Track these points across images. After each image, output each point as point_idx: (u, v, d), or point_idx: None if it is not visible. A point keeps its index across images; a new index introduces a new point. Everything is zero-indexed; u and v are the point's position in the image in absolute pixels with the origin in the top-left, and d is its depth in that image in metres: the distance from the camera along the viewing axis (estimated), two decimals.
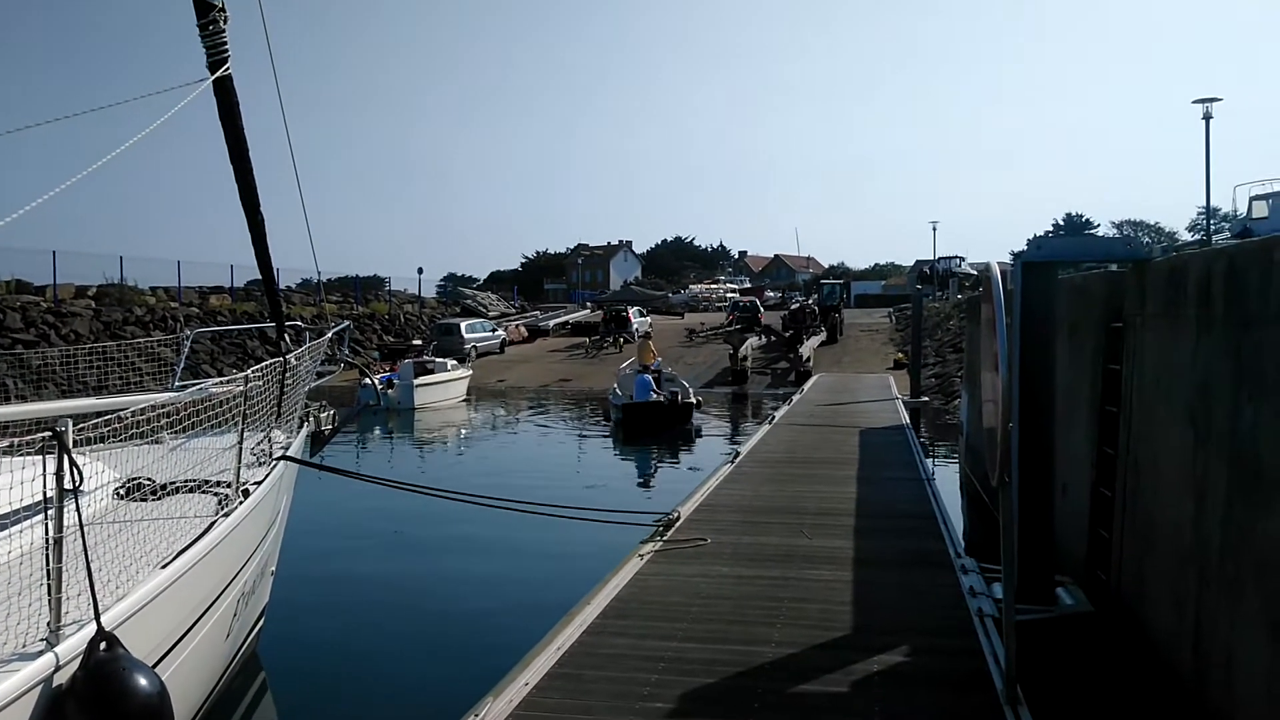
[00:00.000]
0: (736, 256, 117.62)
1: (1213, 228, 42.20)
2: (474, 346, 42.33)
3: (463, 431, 26.06)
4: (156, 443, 6.10)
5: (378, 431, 25.19)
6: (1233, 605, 4.48)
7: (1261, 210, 27.96)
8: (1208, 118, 29.88)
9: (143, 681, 3.95)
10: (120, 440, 5.01)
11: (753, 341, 38.27)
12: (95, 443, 4.76)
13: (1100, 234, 70.57)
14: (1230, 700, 4.46)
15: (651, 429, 22.14)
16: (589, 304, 63.80)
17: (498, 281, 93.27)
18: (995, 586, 6.77)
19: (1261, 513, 4.21)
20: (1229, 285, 4.81)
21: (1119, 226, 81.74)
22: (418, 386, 28.52)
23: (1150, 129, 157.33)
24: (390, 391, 27.25)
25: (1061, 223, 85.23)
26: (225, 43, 7.61)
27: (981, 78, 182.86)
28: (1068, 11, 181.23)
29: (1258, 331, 4.38)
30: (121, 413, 4.92)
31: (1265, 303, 4.32)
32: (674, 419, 22.73)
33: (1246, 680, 4.28)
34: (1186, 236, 70.09)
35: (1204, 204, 44.69)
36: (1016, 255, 6.94)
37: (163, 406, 5.65)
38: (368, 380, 21.63)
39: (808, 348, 36.60)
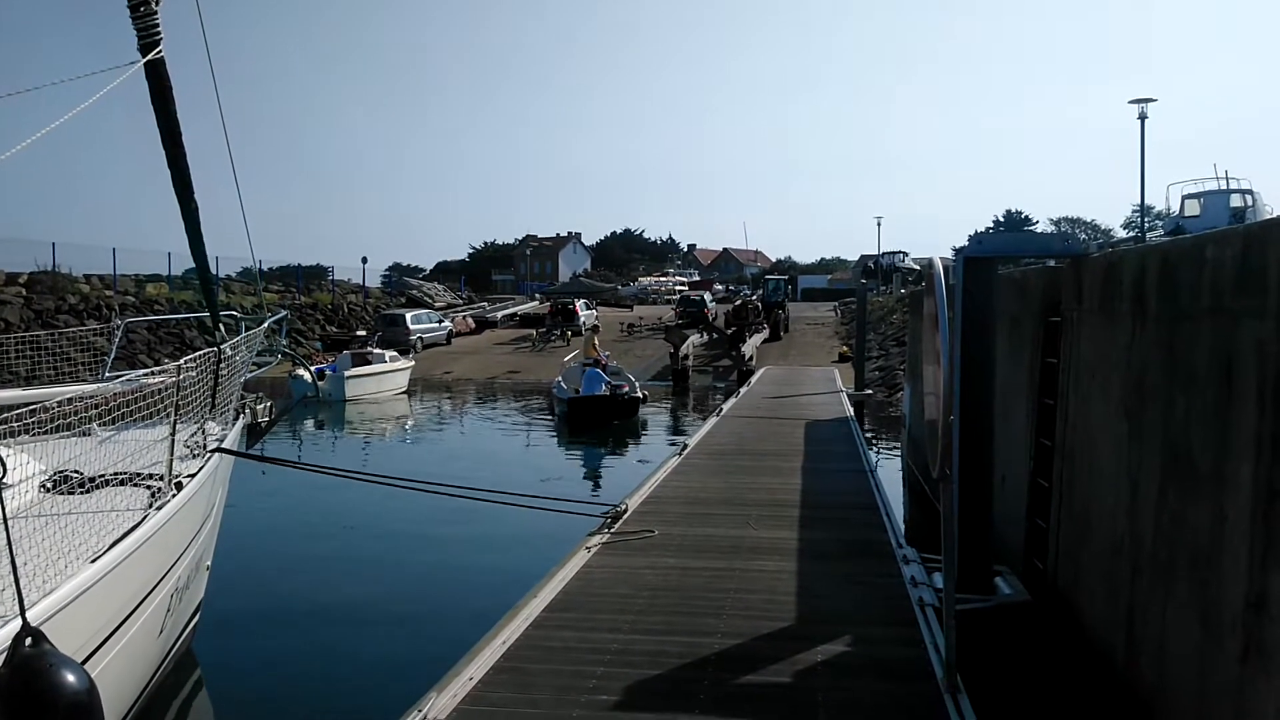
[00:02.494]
0: (686, 249, 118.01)
1: (1147, 225, 43.37)
2: (420, 338, 41.84)
3: (402, 424, 25.63)
4: (85, 434, 5.93)
5: (310, 424, 24.71)
6: (1165, 592, 4.60)
7: (1193, 208, 28.76)
8: (1143, 118, 30.63)
9: (71, 678, 3.82)
10: (47, 432, 4.86)
11: (694, 339, 37.35)
12: (20, 434, 4.60)
13: (1038, 230, 72.19)
14: (1162, 684, 4.57)
15: (597, 423, 22.04)
16: (538, 295, 63.50)
17: (444, 272, 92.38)
18: (936, 576, 6.87)
19: (1192, 502, 4.32)
20: (1162, 281, 4.92)
21: (1057, 223, 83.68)
22: (349, 378, 27.94)
23: (1088, 129, 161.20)
24: (321, 383, 26.63)
25: (1002, 219, 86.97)
26: (157, 25, 7.39)
27: (924, 78, 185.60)
28: (1009, 12, 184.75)
29: (1189, 326, 4.49)
30: (47, 403, 4.76)
31: (1197, 298, 4.43)
32: (620, 412, 22.65)
33: (1177, 665, 4.40)
34: (1122, 234, 72.00)
35: (1139, 202, 45.96)
36: (958, 251, 7.05)
37: (91, 397, 5.48)
38: (300, 371, 21.13)
39: (750, 346, 35.74)
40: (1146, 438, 4.96)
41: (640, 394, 23.79)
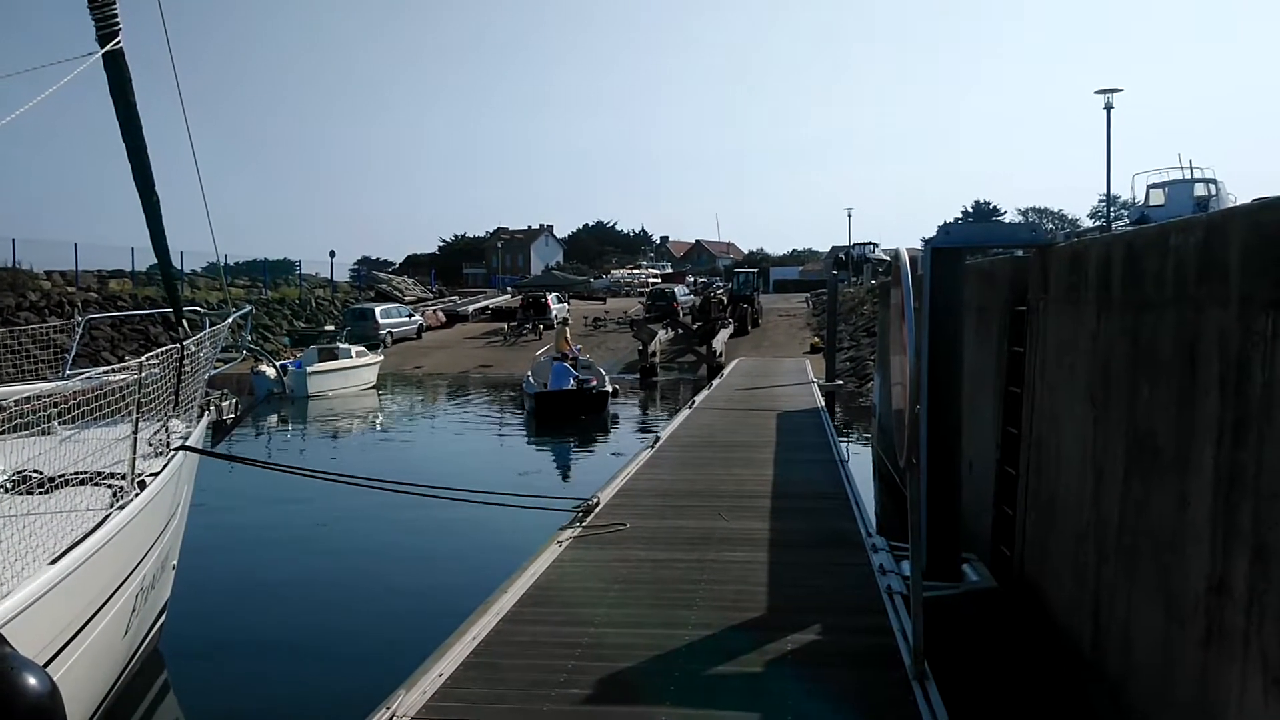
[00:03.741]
0: (658, 242, 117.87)
1: (1113, 215, 43.84)
2: (389, 332, 41.55)
3: (370, 421, 25.39)
4: (46, 433, 5.83)
5: (273, 420, 24.43)
6: (1129, 578, 4.65)
7: (1158, 198, 29.10)
8: (1109, 108, 30.92)
9: (32, 681, 3.74)
10: (6, 431, 4.76)
11: (662, 335, 36.70)
12: None
13: (1007, 221, 72.88)
14: (1127, 668, 4.63)
15: (565, 417, 21.92)
16: (509, 289, 63.23)
17: (414, 265, 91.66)
18: (904, 564, 6.91)
19: (1156, 488, 4.37)
20: (1127, 270, 4.97)
21: (1024, 214, 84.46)
22: (312, 374, 27.61)
23: (1055, 119, 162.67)
24: (283, 379, 26.24)
25: (970, 210, 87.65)
26: (116, 16, 7.27)
27: (893, 70, 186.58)
28: (975, 6, 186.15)
29: (1154, 314, 4.53)
30: (5, 402, 4.67)
31: (1161, 287, 4.47)
32: (588, 407, 22.52)
33: (1143, 649, 4.45)
34: (1088, 223, 72.77)
35: (1105, 192, 46.47)
36: (926, 241, 7.07)
37: (51, 395, 5.38)
38: (263, 367, 20.85)
39: (719, 341, 34.98)
40: (1111, 425, 5.01)
41: (609, 388, 23.69)
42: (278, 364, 25.06)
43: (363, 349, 31.96)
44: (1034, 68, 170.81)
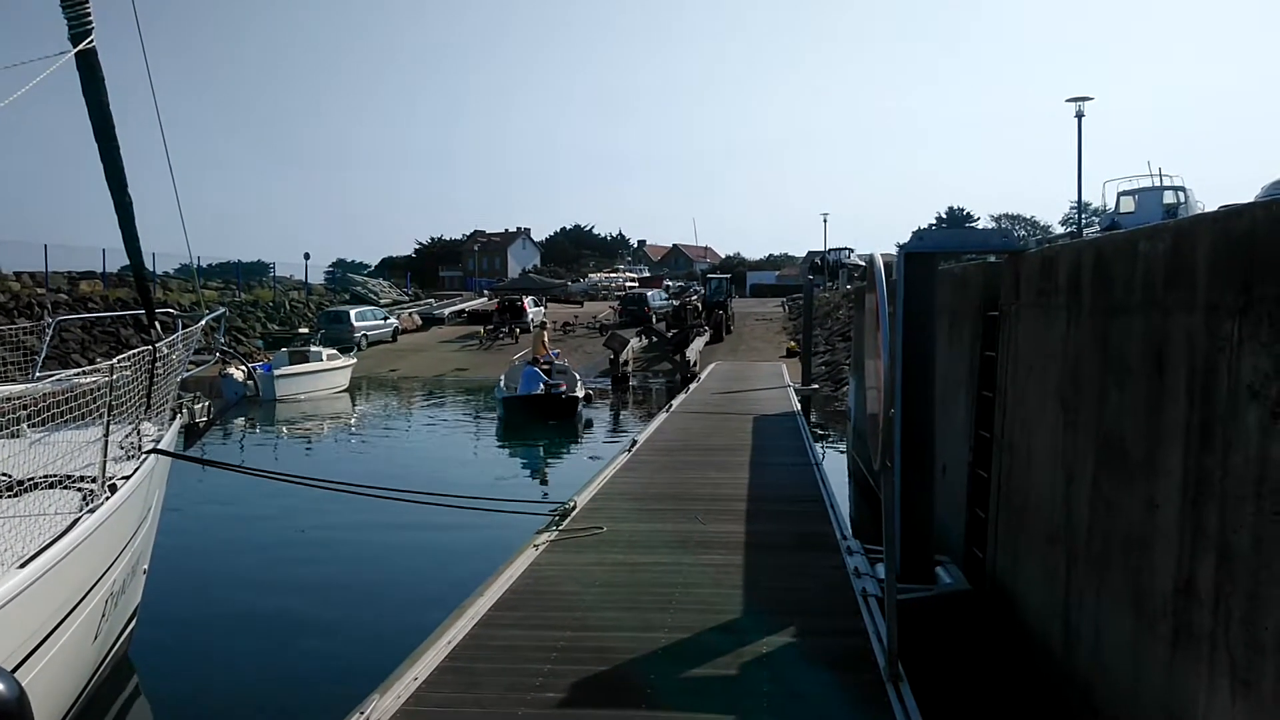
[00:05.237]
0: (636, 245, 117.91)
1: (1083, 221, 44.35)
2: (364, 335, 41.30)
3: (342, 425, 25.17)
4: (15, 436, 5.75)
5: (240, 423, 24.18)
6: (1099, 580, 4.71)
7: (1128, 205, 29.45)
8: (1080, 116, 31.28)
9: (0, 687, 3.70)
10: None
11: (635, 344, 35.63)
12: None
13: (979, 227, 73.55)
14: (1098, 669, 4.68)
15: (533, 422, 21.53)
16: (486, 292, 63.02)
17: (390, 268, 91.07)
18: (879, 567, 6.96)
19: (1126, 491, 4.43)
20: (1096, 275, 5.04)
21: (997, 220, 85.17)
22: (280, 377, 27.32)
23: (1027, 127, 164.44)
24: (250, 382, 25.81)
25: (944, 216, 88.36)
26: (88, 13, 7.20)
27: (868, 75, 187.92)
28: (947, 12, 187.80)
29: (1123, 319, 4.60)
30: None
31: (1130, 292, 4.54)
32: (557, 412, 21.99)
33: (1112, 651, 4.51)
34: (1059, 230, 73.52)
35: (1076, 199, 46.98)
36: (900, 247, 7.13)
37: (20, 397, 5.32)
38: (231, 370, 20.58)
39: (693, 351, 33.72)
40: (1081, 428, 5.08)
41: (580, 394, 23.22)
42: (246, 367, 24.79)
43: (334, 352, 31.66)
44: (1005, 76, 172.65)
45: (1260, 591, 3.23)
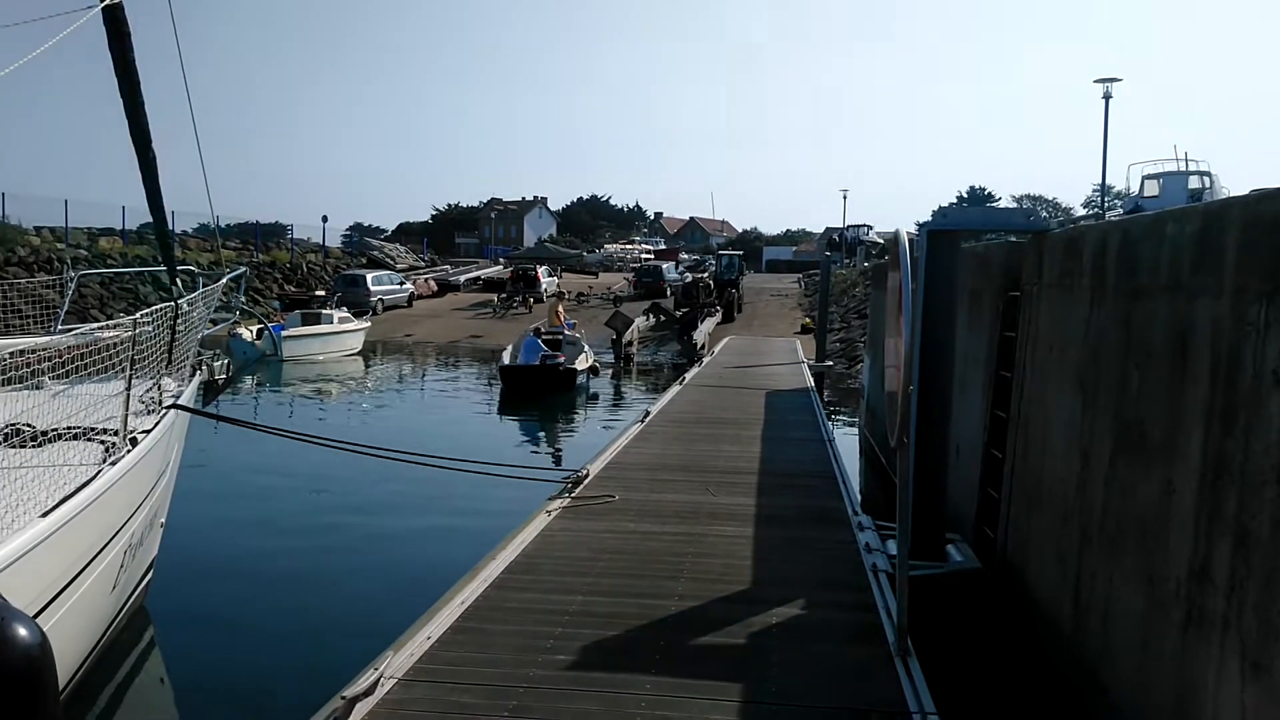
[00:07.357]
0: (652, 217, 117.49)
1: (1107, 204, 43.90)
2: (380, 299, 41.41)
3: (353, 386, 25.20)
4: (38, 388, 5.82)
5: (249, 382, 24.23)
6: (1112, 561, 4.71)
7: (1152, 189, 29.17)
8: (1107, 98, 30.88)
9: (22, 632, 3.74)
10: None
11: (640, 323, 34.00)
12: None
13: (1002, 207, 72.84)
14: (1106, 649, 4.70)
15: (528, 393, 21.34)
16: (502, 260, 62.94)
17: (406, 233, 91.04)
18: (889, 543, 6.98)
19: (1142, 473, 4.42)
20: (1122, 257, 4.99)
21: (1019, 200, 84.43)
22: (289, 338, 27.45)
23: (1052, 108, 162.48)
24: (257, 342, 25.60)
25: (966, 195, 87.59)
26: None
27: (894, 52, 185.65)
28: None
29: (1147, 302, 4.57)
30: None
31: (1155, 275, 4.50)
32: (553, 384, 21.66)
33: (1122, 633, 4.52)
34: (1081, 212, 72.82)
35: (1099, 181, 46.42)
36: (922, 225, 7.09)
37: (43, 350, 5.37)
38: (240, 329, 20.66)
39: (702, 333, 31.88)
40: (1099, 410, 5.06)
41: (579, 365, 22.68)
42: (255, 327, 24.92)
43: (347, 315, 31.71)
44: (1032, 56, 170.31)
45: (1276, 576, 3.23)
